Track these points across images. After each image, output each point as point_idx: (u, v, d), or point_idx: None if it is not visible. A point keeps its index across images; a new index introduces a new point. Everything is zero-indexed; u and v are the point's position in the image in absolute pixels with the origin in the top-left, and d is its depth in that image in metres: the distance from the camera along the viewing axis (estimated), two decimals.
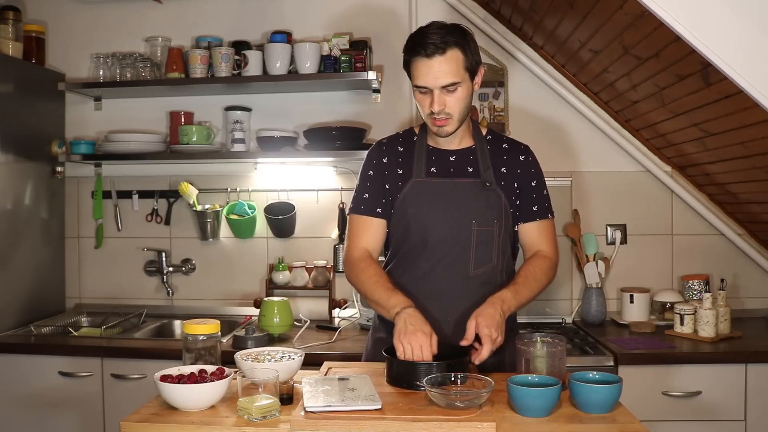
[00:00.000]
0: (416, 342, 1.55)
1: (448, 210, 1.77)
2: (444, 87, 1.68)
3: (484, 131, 1.88)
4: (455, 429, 1.28)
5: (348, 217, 1.89)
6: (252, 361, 1.55)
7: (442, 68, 1.66)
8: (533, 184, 1.85)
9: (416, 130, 1.90)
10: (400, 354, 1.56)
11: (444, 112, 1.70)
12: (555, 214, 1.89)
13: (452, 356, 1.55)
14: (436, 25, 1.70)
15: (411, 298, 1.70)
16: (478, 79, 1.76)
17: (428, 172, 1.81)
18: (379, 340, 1.86)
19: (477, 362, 1.59)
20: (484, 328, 1.60)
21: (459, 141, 1.84)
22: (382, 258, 1.90)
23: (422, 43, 1.66)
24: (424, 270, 1.78)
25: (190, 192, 2.89)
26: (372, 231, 1.83)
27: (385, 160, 1.86)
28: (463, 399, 1.35)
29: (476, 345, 1.61)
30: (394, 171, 1.83)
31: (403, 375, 1.52)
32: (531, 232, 1.85)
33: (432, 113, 1.71)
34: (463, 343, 1.61)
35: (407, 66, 1.74)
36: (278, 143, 2.77)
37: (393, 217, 1.82)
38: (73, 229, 3.05)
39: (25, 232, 2.75)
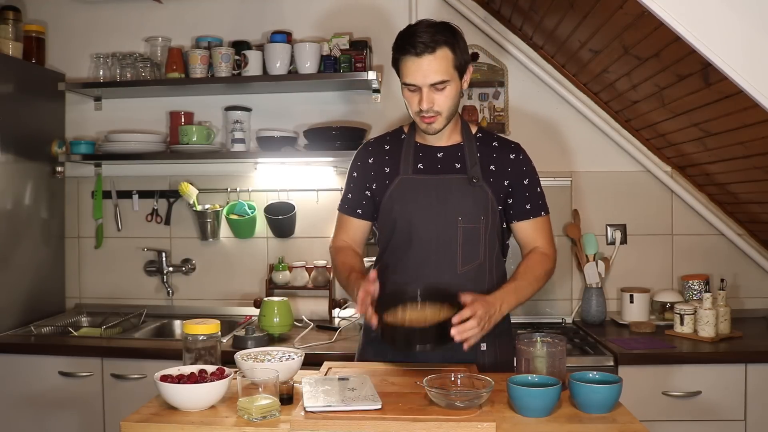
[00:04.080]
0: (360, 297, 1.58)
1: (434, 206, 1.77)
2: (433, 85, 1.69)
3: (474, 129, 1.89)
4: (455, 429, 1.28)
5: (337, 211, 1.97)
6: (252, 361, 1.55)
7: (431, 67, 1.67)
8: (525, 183, 1.84)
9: (405, 129, 1.92)
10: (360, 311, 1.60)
11: (432, 110, 1.71)
12: (551, 212, 1.90)
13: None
14: (425, 23, 1.70)
15: (401, 295, 1.71)
16: (467, 77, 1.77)
17: (415, 169, 1.82)
18: (371, 340, 1.88)
19: (455, 333, 1.53)
20: (480, 308, 1.56)
21: (447, 137, 1.84)
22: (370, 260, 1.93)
23: (412, 41, 1.66)
24: (412, 267, 1.79)
25: (190, 192, 2.89)
26: (352, 230, 1.91)
27: (370, 161, 1.88)
28: (463, 399, 1.35)
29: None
30: (380, 170, 1.85)
31: (396, 339, 1.56)
32: (526, 230, 1.85)
33: (420, 111, 1.72)
34: (455, 320, 1.54)
35: (396, 64, 1.75)
36: (278, 143, 2.76)
37: (380, 214, 1.85)
38: (73, 229, 3.05)
39: (25, 232, 2.75)
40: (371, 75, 2.65)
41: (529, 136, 1.95)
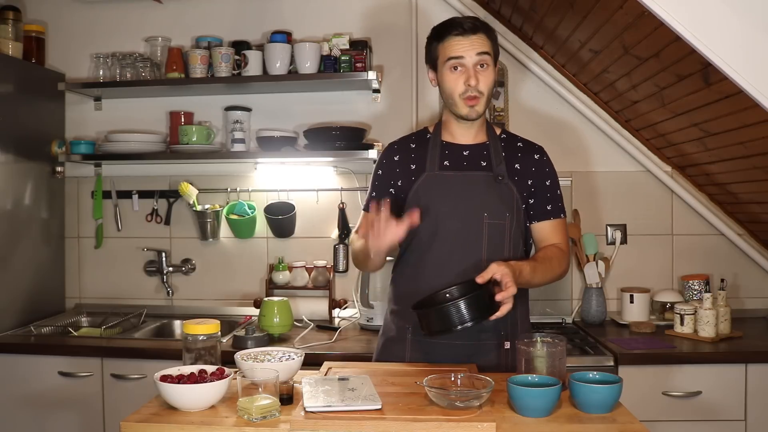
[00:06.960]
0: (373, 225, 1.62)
1: (460, 202, 1.78)
2: (480, 55, 1.75)
3: (498, 131, 1.91)
4: (455, 429, 1.28)
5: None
6: (252, 361, 1.55)
7: (478, 41, 1.76)
8: (547, 184, 1.87)
9: (430, 129, 1.93)
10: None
11: (477, 88, 1.75)
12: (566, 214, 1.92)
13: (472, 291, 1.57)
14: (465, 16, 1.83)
15: (420, 290, 1.73)
16: (496, 71, 1.83)
17: (441, 166, 1.83)
18: (390, 339, 1.87)
19: (500, 298, 1.55)
20: (508, 279, 1.57)
21: (474, 136, 1.87)
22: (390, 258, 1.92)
23: (458, 23, 1.77)
24: (435, 262, 1.78)
25: (190, 192, 2.89)
26: None
27: (396, 158, 1.89)
28: (463, 399, 1.35)
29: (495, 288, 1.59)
30: (406, 167, 1.86)
31: (436, 322, 1.55)
32: (544, 230, 1.87)
33: (468, 88, 1.75)
34: (479, 279, 1.58)
35: (434, 50, 1.80)
36: (278, 143, 2.76)
37: (405, 209, 1.83)
38: (73, 229, 3.05)
39: (25, 232, 2.75)
40: (371, 75, 2.65)
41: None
